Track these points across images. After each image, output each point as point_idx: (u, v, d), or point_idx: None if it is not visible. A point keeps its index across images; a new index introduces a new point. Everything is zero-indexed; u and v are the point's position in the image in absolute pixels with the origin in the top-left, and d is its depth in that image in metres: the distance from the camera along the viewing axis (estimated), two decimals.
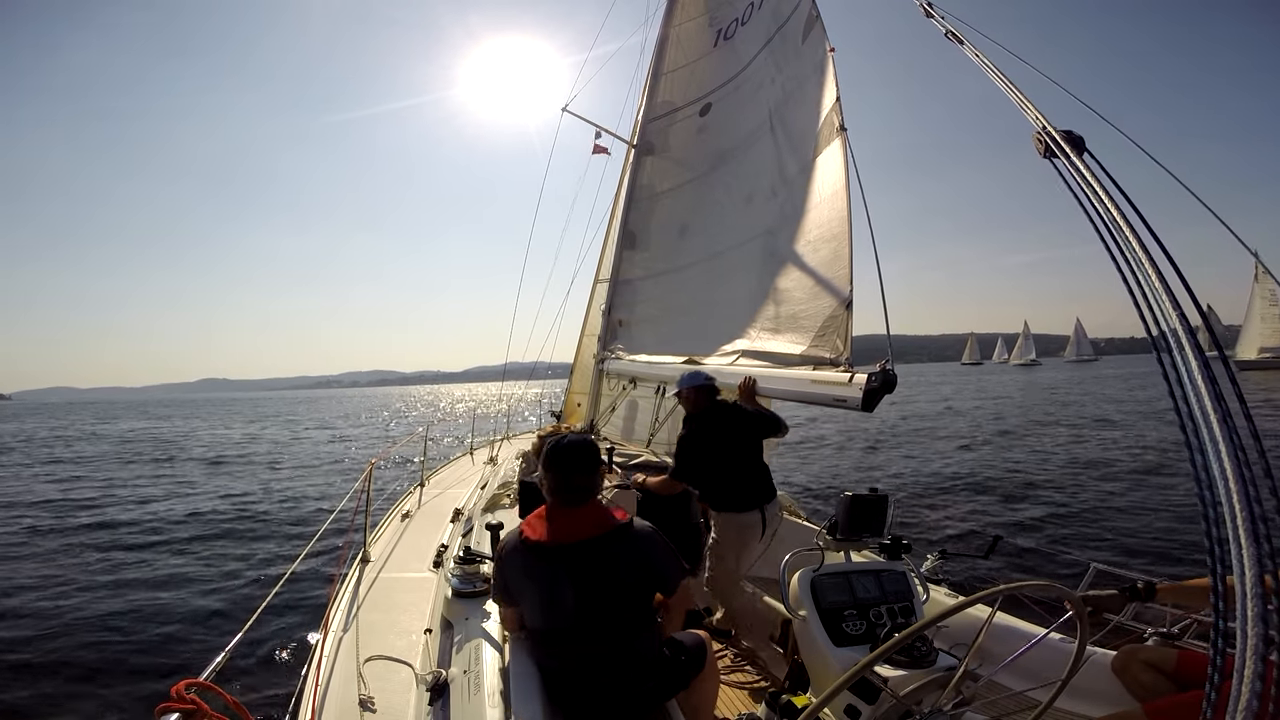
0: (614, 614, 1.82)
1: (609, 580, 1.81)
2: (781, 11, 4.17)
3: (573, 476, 1.86)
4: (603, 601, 1.80)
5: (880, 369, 2.71)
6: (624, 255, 5.83)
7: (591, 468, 1.88)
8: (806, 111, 3.71)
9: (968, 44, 2.01)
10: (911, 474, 11.96)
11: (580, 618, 1.79)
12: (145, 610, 6.21)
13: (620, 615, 1.83)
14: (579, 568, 1.79)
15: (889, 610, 2.34)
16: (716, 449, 3.24)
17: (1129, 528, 7.80)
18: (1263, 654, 0.73)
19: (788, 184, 3.86)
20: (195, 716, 1.30)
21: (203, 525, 10.31)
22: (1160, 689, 2.03)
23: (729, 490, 3.24)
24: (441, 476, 6.03)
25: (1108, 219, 1.27)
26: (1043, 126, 1.52)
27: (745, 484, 3.25)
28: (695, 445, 3.27)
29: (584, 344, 7.96)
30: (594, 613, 1.80)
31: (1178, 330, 1.05)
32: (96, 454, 23.48)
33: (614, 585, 1.81)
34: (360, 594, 2.97)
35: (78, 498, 13.49)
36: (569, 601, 1.79)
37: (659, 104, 5.77)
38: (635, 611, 1.87)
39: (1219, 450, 0.87)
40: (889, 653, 1.41)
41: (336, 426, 36.42)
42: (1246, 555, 0.77)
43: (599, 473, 1.92)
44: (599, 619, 1.81)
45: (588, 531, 1.82)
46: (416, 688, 2.18)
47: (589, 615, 1.80)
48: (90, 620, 5.91)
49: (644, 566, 1.86)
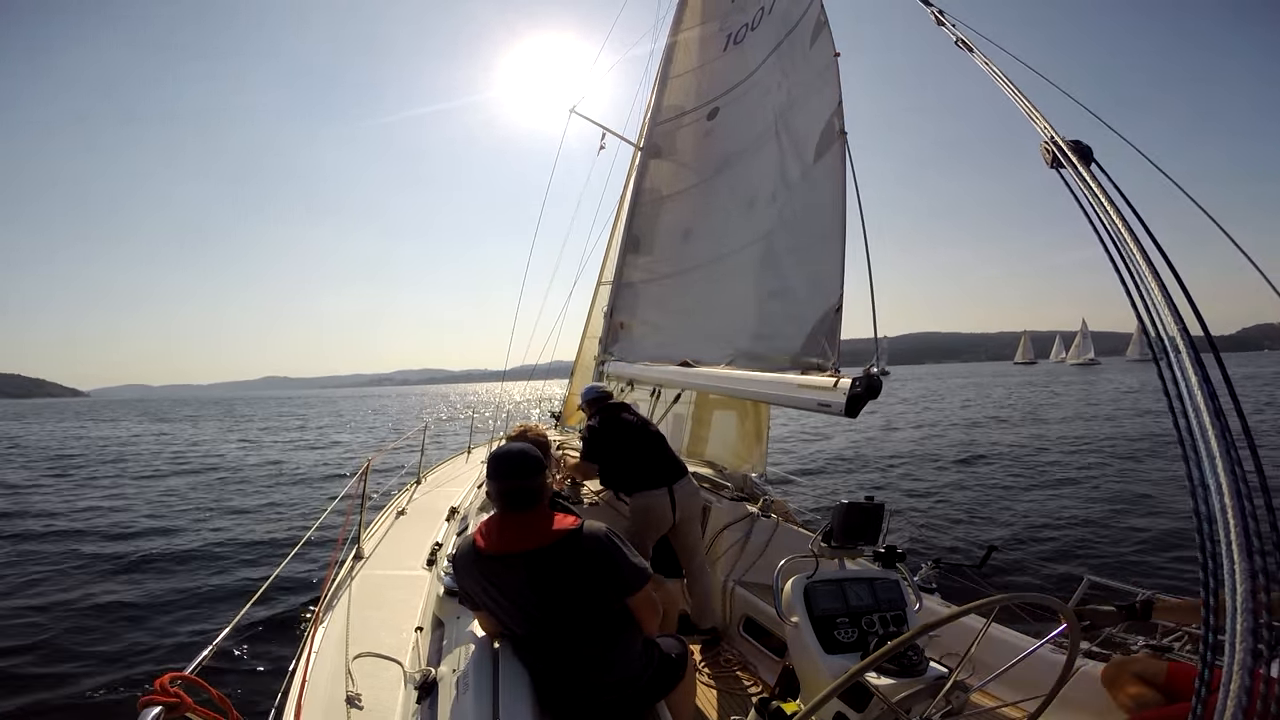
0: (580, 619, 1.82)
1: (568, 586, 1.80)
2: (791, 16, 4.18)
3: (512, 482, 1.86)
4: (566, 607, 1.80)
5: (865, 374, 2.69)
6: (627, 259, 5.83)
7: (530, 472, 1.87)
8: (810, 116, 3.72)
9: (978, 52, 2.01)
10: (909, 481, 11.94)
11: (546, 624, 1.80)
12: (131, 602, 6.21)
13: (587, 620, 1.83)
14: (536, 575, 1.79)
15: (881, 618, 2.33)
16: (619, 438, 3.52)
17: (1124, 539, 7.78)
18: (1250, 668, 0.72)
19: (788, 188, 3.87)
20: (178, 710, 1.29)
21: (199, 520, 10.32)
22: (1149, 701, 2.03)
23: (634, 472, 3.45)
24: (438, 475, 6.02)
25: (1113, 231, 1.27)
26: (1050, 136, 1.52)
27: (649, 465, 3.47)
28: (599, 436, 3.57)
29: (585, 346, 7.97)
30: (559, 619, 1.80)
31: (1179, 344, 1.05)
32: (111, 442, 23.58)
33: (573, 591, 1.80)
34: (352, 590, 2.95)
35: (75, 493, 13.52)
36: (532, 608, 1.80)
37: (667, 108, 5.77)
38: (603, 616, 1.86)
39: (1215, 464, 0.86)
40: (879, 661, 1.40)
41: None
42: (1239, 569, 0.77)
43: (541, 476, 1.90)
44: (565, 625, 1.81)
45: (539, 540, 1.82)
46: (405, 686, 2.16)
47: (555, 621, 1.80)
48: (75, 612, 5.91)
49: (600, 570, 1.84)
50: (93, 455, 20.81)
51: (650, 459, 3.50)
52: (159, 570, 7.33)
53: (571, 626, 1.81)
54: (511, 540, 1.83)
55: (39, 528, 9.67)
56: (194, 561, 7.71)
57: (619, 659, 1.86)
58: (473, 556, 1.88)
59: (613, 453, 3.51)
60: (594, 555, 1.84)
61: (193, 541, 8.64)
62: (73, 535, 9.12)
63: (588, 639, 1.83)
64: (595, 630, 1.84)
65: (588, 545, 1.84)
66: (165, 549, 8.25)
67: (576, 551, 1.82)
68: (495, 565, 1.83)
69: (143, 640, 5.32)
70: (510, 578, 1.81)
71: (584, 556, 1.83)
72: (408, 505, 4.63)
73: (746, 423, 5.67)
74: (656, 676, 1.94)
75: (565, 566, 1.81)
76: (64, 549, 8.33)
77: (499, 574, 1.83)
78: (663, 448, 3.58)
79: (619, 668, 1.86)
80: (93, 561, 7.71)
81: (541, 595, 1.79)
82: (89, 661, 4.90)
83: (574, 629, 1.81)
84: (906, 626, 2.35)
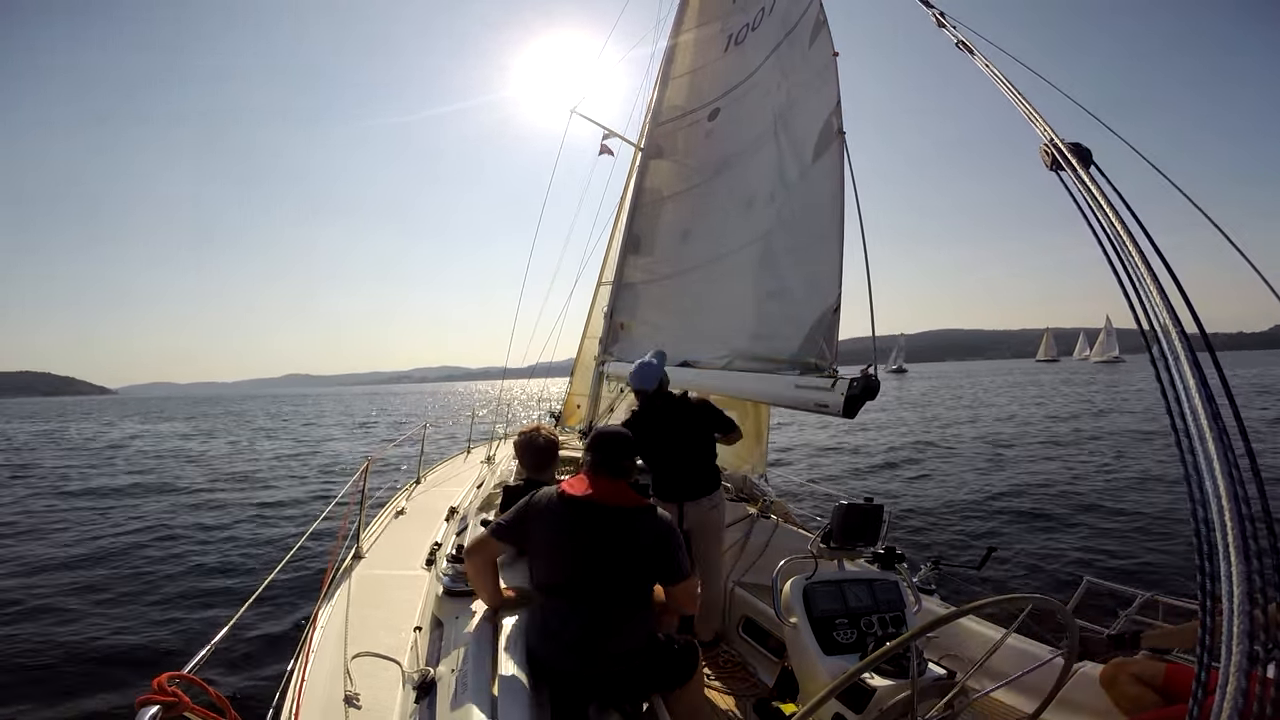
0: (621, 582, 1.99)
1: (631, 550, 1.99)
2: (791, 16, 4.17)
3: (619, 457, 2.12)
4: (619, 567, 1.98)
5: (862, 374, 2.69)
6: (628, 259, 5.83)
7: (631, 451, 2.17)
8: (809, 116, 3.71)
9: (978, 54, 2.01)
10: (908, 483, 11.94)
11: (601, 571, 1.97)
12: (129, 602, 6.20)
13: (624, 585, 2.00)
14: (615, 530, 1.99)
15: (880, 619, 2.33)
16: (650, 438, 3.37)
17: (1124, 540, 7.77)
18: (1246, 670, 0.73)
19: (787, 188, 3.87)
20: (176, 709, 1.29)
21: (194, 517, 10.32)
22: (1148, 702, 2.03)
23: (655, 479, 3.42)
24: (438, 474, 6.03)
25: (1111, 232, 1.27)
26: (1050, 139, 1.52)
27: (669, 475, 3.40)
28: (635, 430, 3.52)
29: (585, 346, 7.98)
30: (609, 574, 1.97)
31: (1176, 346, 1.05)
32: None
33: (633, 556, 2.00)
34: (351, 590, 2.96)
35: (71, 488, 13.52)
36: (595, 558, 1.97)
37: (668, 108, 5.77)
38: (642, 586, 2.06)
39: (1212, 466, 0.87)
40: (877, 662, 1.40)
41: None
42: (1235, 572, 0.77)
43: (630, 457, 2.17)
44: (608, 581, 1.97)
45: (626, 501, 2.04)
46: (403, 686, 2.16)
47: (608, 572, 1.97)
48: (73, 611, 5.90)
49: (661, 548, 2.04)
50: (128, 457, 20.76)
51: (670, 468, 3.39)
52: (158, 569, 7.33)
53: (610, 585, 1.98)
54: (607, 494, 2.04)
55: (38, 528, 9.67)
56: (193, 561, 7.71)
57: (629, 631, 2.00)
58: (560, 501, 2.06)
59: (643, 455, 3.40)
60: (661, 534, 2.05)
61: (192, 540, 8.64)
62: (72, 535, 9.12)
63: (614, 601, 1.98)
64: (623, 596, 2.00)
65: (660, 523, 2.07)
66: (165, 548, 8.25)
67: (650, 524, 2.04)
68: (585, 511, 2.02)
69: (141, 639, 5.32)
70: (592, 525, 2.00)
71: (656, 529, 2.04)
72: (407, 505, 4.63)
73: (746, 423, 5.67)
74: (657, 661, 2.05)
75: (637, 532, 2.02)
76: (63, 549, 8.34)
77: (584, 519, 2.01)
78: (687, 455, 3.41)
79: (626, 639, 1.99)
80: (92, 561, 7.72)
81: (611, 549, 1.98)
82: (88, 661, 4.90)
83: (610, 588, 1.98)
84: (906, 627, 2.35)
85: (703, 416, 3.50)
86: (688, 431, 3.44)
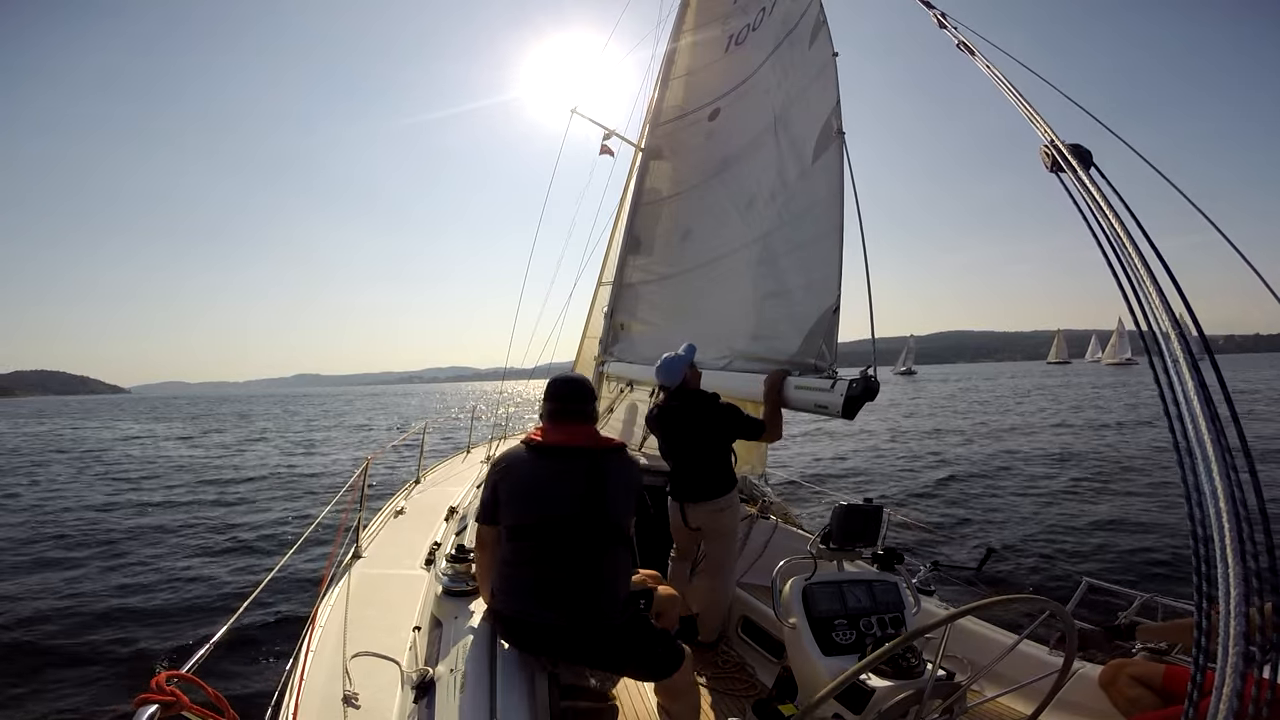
0: (603, 518, 1.96)
1: (608, 490, 1.98)
2: (791, 16, 4.17)
3: (570, 402, 2.11)
4: (600, 499, 1.96)
5: (861, 375, 2.70)
6: (628, 259, 5.83)
7: (589, 397, 2.15)
8: (808, 116, 3.71)
9: (979, 55, 2.01)
10: (908, 484, 11.93)
11: (582, 507, 1.93)
12: (128, 601, 6.20)
13: (611, 520, 1.98)
14: (592, 469, 1.98)
15: (879, 620, 2.33)
16: (667, 434, 3.41)
17: (1124, 541, 7.77)
18: (1242, 671, 0.73)
19: (786, 188, 3.87)
20: (174, 709, 1.29)
21: (194, 515, 10.32)
22: (1146, 703, 2.04)
23: (670, 476, 3.42)
24: (437, 474, 6.03)
25: (1111, 235, 1.27)
26: (1050, 140, 1.51)
27: (678, 474, 3.39)
28: (651, 425, 3.51)
29: (585, 346, 7.97)
30: (599, 511, 1.95)
31: (1175, 349, 1.05)
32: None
33: (612, 494, 1.98)
34: (350, 589, 2.96)
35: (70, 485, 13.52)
36: (572, 491, 1.95)
37: (668, 108, 5.77)
38: (619, 529, 2.01)
39: (1210, 468, 0.87)
40: (876, 662, 1.40)
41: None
42: (1232, 573, 0.77)
43: (591, 401, 2.16)
44: (596, 514, 1.94)
45: (595, 442, 2.05)
46: (402, 685, 2.16)
47: (589, 507, 1.94)
48: (72, 611, 5.90)
49: (633, 487, 2.07)
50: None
51: (681, 467, 3.37)
52: (156, 569, 7.33)
53: (604, 527, 1.95)
54: (573, 436, 2.04)
55: (39, 525, 9.67)
56: (192, 560, 7.71)
57: (608, 587, 1.96)
58: (528, 452, 2.03)
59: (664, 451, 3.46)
60: (635, 474, 2.09)
61: (192, 540, 8.64)
62: (71, 534, 9.13)
63: (596, 551, 1.94)
64: (604, 546, 1.96)
65: (630, 463, 2.10)
66: (164, 548, 8.25)
67: (621, 463, 2.06)
68: (557, 455, 2.01)
69: (139, 639, 5.32)
70: (567, 467, 1.99)
71: (626, 469, 2.06)
72: (406, 504, 4.63)
73: None
74: (633, 627, 1.99)
75: (616, 472, 2.02)
76: (62, 548, 8.34)
77: (558, 463, 2.00)
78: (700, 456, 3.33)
79: (604, 597, 1.94)
80: (91, 560, 7.71)
81: (590, 488, 1.96)
82: (86, 661, 4.90)
83: (605, 530, 1.96)
84: (904, 628, 2.35)
85: (725, 419, 3.33)
86: (703, 432, 3.33)
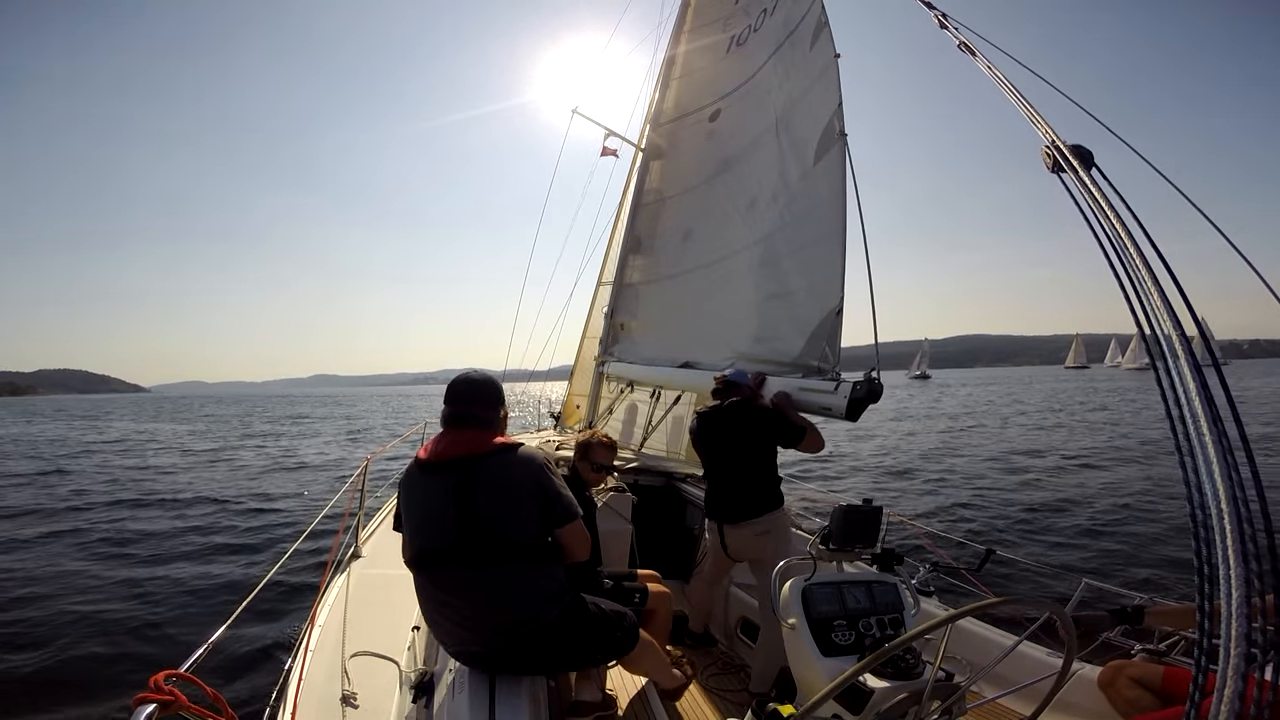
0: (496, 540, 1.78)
1: (491, 501, 1.79)
2: (792, 18, 4.17)
3: (458, 404, 1.92)
4: (484, 523, 1.77)
5: (865, 377, 2.69)
6: (628, 259, 5.83)
7: (473, 398, 1.93)
8: (810, 117, 3.71)
9: (980, 56, 2.01)
10: (907, 485, 11.93)
11: (460, 535, 1.76)
12: (127, 601, 6.19)
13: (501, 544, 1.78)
14: (464, 484, 1.79)
15: (879, 621, 2.33)
16: (707, 447, 3.15)
17: (1124, 543, 7.76)
18: (1244, 672, 0.73)
19: (788, 190, 3.87)
20: (172, 708, 1.29)
21: (194, 515, 10.31)
22: (1145, 705, 2.04)
23: (709, 493, 3.17)
24: None
25: (1112, 235, 1.27)
26: (1051, 141, 1.51)
27: (718, 491, 3.09)
28: (694, 438, 3.21)
29: (585, 346, 7.97)
30: (475, 534, 1.76)
31: (1177, 349, 1.05)
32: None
33: (496, 506, 1.79)
34: (349, 590, 2.95)
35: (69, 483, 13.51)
36: (449, 517, 1.77)
37: (669, 109, 5.78)
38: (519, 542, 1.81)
39: (1212, 470, 0.86)
40: (875, 663, 1.40)
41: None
42: (1234, 574, 0.77)
43: (489, 405, 1.95)
44: (479, 543, 1.76)
45: (472, 449, 1.84)
46: (401, 685, 2.16)
47: (469, 537, 1.76)
48: (70, 610, 5.88)
49: (527, 490, 1.83)
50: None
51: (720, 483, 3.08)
52: (155, 568, 7.32)
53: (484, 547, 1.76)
54: (448, 448, 1.86)
55: (36, 526, 9.67)
56: (191, 559, 7.70)
57: (523, 591, 1.80)
58: (414, 468, 1.91)
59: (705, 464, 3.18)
60: (524, 473, 1.84)
61: (191, 540, 8.63)
62: (70, 534, 9.12)
63: (496, 562, 1.77)
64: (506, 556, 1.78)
65: (519, 462, 1.85)
66: (164, 547, 8.24)
67: (507, 466, 1.83)
68: (434, 471, 1.85)
69: (137, 638, 5.31)
70: (437, 486, 1.81)
71: (513, 472, 1.83)
72: None
73: None
74: (568, 619, 1.86)
75: (493, 480, 1.81)
76: (61, 547, 8.33)
77: (434, 482, 1.83)
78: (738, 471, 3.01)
79: (522, 601, 1.79)
80: (89, 560, 7.71)
81: (463, 506, 1.77)
82: (84, 660, 4.88)
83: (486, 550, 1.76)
84: (904, 629, 2.35)
85: (766, 421, 3.01)
86: (746, 437, 3.00)
